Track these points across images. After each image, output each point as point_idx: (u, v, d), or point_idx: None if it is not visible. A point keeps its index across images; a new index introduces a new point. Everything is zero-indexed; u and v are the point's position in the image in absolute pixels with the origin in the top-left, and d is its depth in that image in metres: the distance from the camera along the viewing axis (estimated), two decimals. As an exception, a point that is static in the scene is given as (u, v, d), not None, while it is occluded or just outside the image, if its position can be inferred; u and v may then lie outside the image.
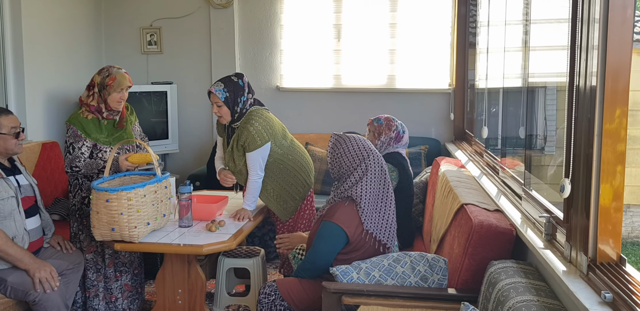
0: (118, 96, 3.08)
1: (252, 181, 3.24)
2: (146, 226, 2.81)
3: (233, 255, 3.26)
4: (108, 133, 3.15)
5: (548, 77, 2.98)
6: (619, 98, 1.72)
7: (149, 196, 2.83)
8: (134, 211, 2.74)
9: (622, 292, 1.53)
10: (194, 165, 5.22)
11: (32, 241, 2.84)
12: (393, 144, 3.46)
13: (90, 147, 3.10)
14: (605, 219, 1.74)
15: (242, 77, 3.24)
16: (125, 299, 3.26)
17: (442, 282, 2.35)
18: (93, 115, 3.10)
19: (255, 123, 3.17)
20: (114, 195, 2.72)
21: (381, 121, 3.50)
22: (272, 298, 2.53)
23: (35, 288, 2.69)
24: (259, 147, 3.18)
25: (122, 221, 2.73)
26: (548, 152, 3.17)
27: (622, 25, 1.72)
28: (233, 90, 3.16)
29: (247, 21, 5.15)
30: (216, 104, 3.17)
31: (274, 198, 3.34)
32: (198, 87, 5.20)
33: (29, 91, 4.15)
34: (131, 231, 2.74)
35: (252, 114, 3.22)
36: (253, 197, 3.26)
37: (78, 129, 3.07)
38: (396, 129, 3.47)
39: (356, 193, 2.57)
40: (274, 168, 3.30)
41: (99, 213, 2.75)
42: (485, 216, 2.37)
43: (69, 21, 4.71)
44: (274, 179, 3.32)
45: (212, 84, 3.21)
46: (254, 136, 3.15)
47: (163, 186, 2.96)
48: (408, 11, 4.93)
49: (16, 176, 2.87)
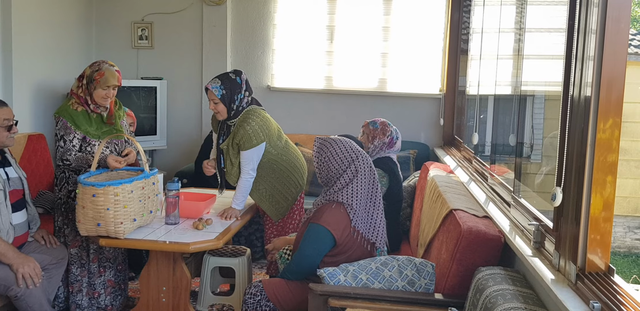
0: (103, 92, 3.05)
1: (244, 179, 3.23)
2: (132, 222, 2.78)
3: (219, 254, 3.24)
4: (97, 126, 3.12)
5: (536, 85, 3.01)
6: (613, 109, 1.74)
7: (136, 192, 2.80)
8: (121, 206, 2.72)
9: (611, 302, 1.54)
10: (181, 162, 5.19)
11: (17, 235, 2.80)
12: (385, 150, 3.46)
13: (80, 139, 3.07)
14: (595, 229, 1.75)
15: (240, 74, 3.23)
16: (108, 295, 3.23)
17: (429, 287, 2.35)
18: (82, 107, 3.07)
19: (252, 122, 3.17)
20: (100, 190, 2.69)
21: (377, 125, 3.49)
22: (257, 298, 2.52)
23: (18, 284, 2.65)
24: (254, 147, 3.17)
25: (109, 217, 2.70)
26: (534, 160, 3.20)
27: (618, 37, 1.73)
28: (230, 87, 3.16)
29: (240, 19, 5.13)
30: (212, 101, 3.17)
31: (267, 198, 3.34)
32: (188, 83, 5.17)
33: (17, 82, 4.09)
34: (117, 227, 2.72)
35: (250, 113, 3.21)
36: (242, 196, 3.25)
37: (68, 121, 3.03)
38: (390, 134, 3.46)
39: (345, 195, 2.56)
40: (268, 168, 3.29)
41: (85, 207, 2.72)
42: (474, 222, 2.38)
43: (59, 13, 4.65)
44: (267, 179, 3.31)
45: (210, 81, 3.20)
46: (250, 134, 3.15)
47: (150, 183, 2.94)
48: (401, 15, 4.95)
49: (6, 168, 2.83)
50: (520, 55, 2.80)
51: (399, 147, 3.54)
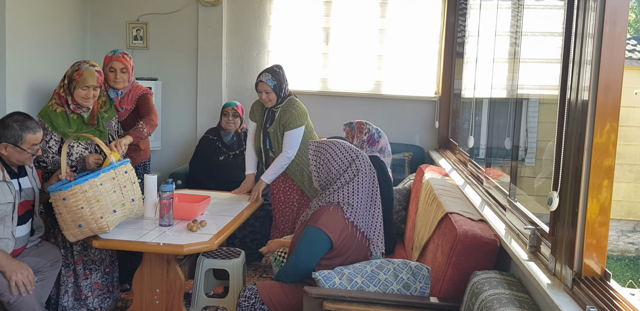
0: (83, 92, 3.04)
1: (283, 157, 3.64)
2: (113, 213, 2.76)
3: (213, 256, 3.22)
4: (77, 128, 3.09)
5: (531, 89, 3.01)
6: (610, 113, 1.74)
7: (107, 184, 2.77)
8: (94, 201, 2.70)
9: (607, 307, 1.54)
10: (176, 163, 5.16)
11: (17, 248, 2.77)
12: (367, 148, 3.45)
13: (58, 141, 3.04)
14: (591, 234, 1.75)
15: (282, 68, 3.69)
16: (95, 297, 3.20)
17: (424, 291, 2.34)
18: (62, 108, 3.06)
19: (296, 107, 3.68)
20: (68, 192, 2.67)
21: (353, 125, 3.56)
22: (252, 301, 2.51)
23: (11, 291, 2.61)
24: (297, 127, 3.64)
25: (86, 215, 2.68)
26: (528, 163, 3.20)
27: (616, 41, 1.74)
28: (278, 78, 3.63)
29: (235, 20, 5.11)
30: (265, 91, 3.61)
31: (298, 171, 3.74)
32: (183, 84, 5.14)
33: (10, 82, 4.06)
34: (98, 222, 2.70)
35: (292, 100, 3.72)
36: (275, 173, 3.66)
37: (46, 122, 3.03)
38: (368, 132, 3.48)
39: (343, 195, 2.55)
40: (301, 153, 3.70)
41: (62, 213, 2.71)
42: (470, 225, 2.38)
43: (53, 12, 4.62)
44: (301, 158, 3.71)
45: (260, 75, 3.62)
46: (296, 116, 3.64)
47: (122, 172, 2.90)
48: (397, 18, 4.95)
49: (20, 179, 2.80)
50: (517, 58, 2.80)
51: (384, 146, 3.50)
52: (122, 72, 3.43)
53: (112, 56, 3.47)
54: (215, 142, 4.35)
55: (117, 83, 3.43)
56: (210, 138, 4.38)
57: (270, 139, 3.73)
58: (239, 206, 3.48)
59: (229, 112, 4.28)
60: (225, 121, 4.29)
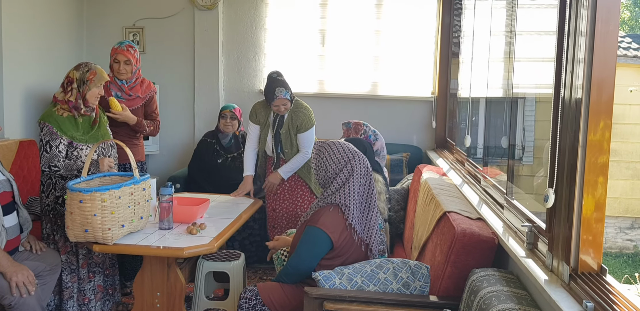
0: (97, 91, 3.12)
1: (301, 155, 3.74)
2: (120, 228, 2.76)
3: (213, 259, 3.24)
4: (84, 131, 3.13)
5: (527, 88, 3.03)
6: (603, 110, 1.76)
7: (125, 198, 2.78)
8: (108, 212, 2.70)
9: (604, 302, 1.55)
10: (174, 167, 5.18)
11: (10, 239, 2.78)
12: None
13: (66, 145, 3.06)
14: (587, 230, 1.77)
15: (281, 75, 3.73)
16: (98, 300, 3.21)
17: (424, 289, 2.36)
18: (69, 113, 3.08)
19: (306, 108, 3.77)
20: (87, 196, 2.67)
21: (350, 124, 3.61)
22: (253, 302, 2.52)
23: (12, 293, 2.62)
24: (312, 127, 3.75)
25: (95, 223, 2.68)
26: (526, 162, 3.22)
27: (608, 39, 1.75)
28: (288, 87, 3.68)
29: (231, 24, 5.13)
30: (283, 105, 3.65)
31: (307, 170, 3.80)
32: (180, 88, 5.16)
33: (7, 87, 4.07)
34: (104, 233, 2.70)
35: (300, 102, 3.79)
36: (292, 169, 3.75)
37: (54, 127, 3.03)
38: (364, 133, 3.51)
39: (342, 196, 2.56)
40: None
41: (73, 213, 2.71)
42: (468, 224, 2.39)
43: (49, 18, 4.64)
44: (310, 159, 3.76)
45: (276, 91, 3.60)
46: (308, 117, 3.74)
47: (141, 188, 2.91)
48: (393, 19, 4.97)
49: None
50: (511, 58, 2.82)
51: (380, 148, 3.53)
52: (126, 64, 3.61)
53: (117, 47, 3.62)
54: (213, 145, 4.36)
55: (120, 74, 3.62)
56: (208, 141, 4.39)
57: (282, 142, 3.77)
58: (238, 208, 3.48)
59: (226, 115, 4.30)
60: (223, 124, 4.30)
